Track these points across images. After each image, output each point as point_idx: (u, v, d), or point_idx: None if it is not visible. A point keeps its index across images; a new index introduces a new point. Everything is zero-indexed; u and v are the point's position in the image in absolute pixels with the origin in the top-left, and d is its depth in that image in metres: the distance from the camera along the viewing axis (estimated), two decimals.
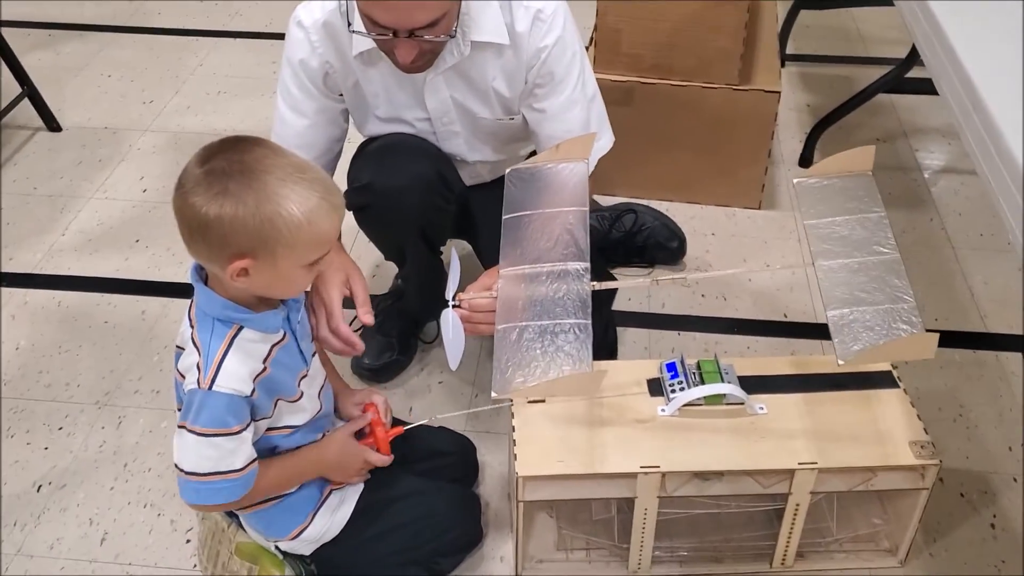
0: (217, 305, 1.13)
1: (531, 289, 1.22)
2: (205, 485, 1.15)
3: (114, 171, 2.34)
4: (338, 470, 1.31)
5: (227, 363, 1.12)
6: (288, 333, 1.20)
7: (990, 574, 1.43)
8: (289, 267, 1.10)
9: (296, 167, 1.08)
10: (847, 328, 1.14)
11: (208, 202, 1.04)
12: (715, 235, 2.13)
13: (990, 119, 1.05)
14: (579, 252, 1.25)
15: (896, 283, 1.19)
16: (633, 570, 1.42)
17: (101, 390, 1.74)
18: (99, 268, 2.04)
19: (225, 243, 1.06)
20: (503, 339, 1.15)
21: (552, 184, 1.34)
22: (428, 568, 1.40)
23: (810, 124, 2.42)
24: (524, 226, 1.29)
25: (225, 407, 1.12)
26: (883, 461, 1.30)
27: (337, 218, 1.11)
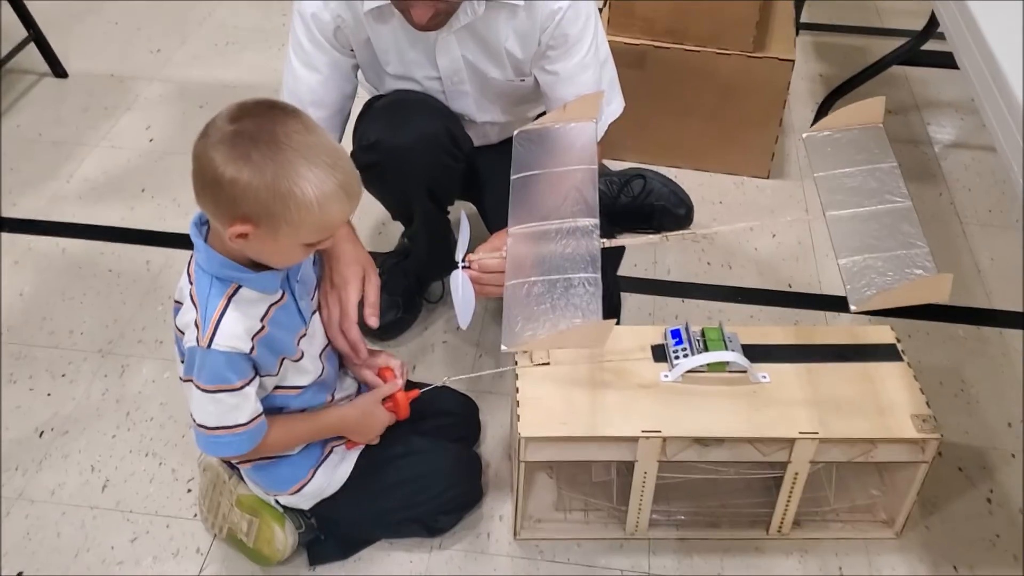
0: (216, 263, 1.13)
1: (540, 246, 1.21)
2: (212, 438, 1.17)
3: (120, 119, 2.33)
4: (359, 431, 1.32)
5: (225, 322, 1.12)
6: (287, 292, 1.20)
7: (985, 548, 1.44)
8: (289, 243, 1.09)
9: (324, 149, 1.06)
10: (859, 275, 1.11)
11: (227, 162, 1.03)
12: (723, 203, 2.12)
13: (1011, 93, 1.04)
14: (588, 208, 1.24)
15: (908, 230, 1.15)
16: (630, 532, 1.43)
17: (104, 338, 1.75)
18: (104, 217, 2.03)
19: (233, 205, 1.05)
20: (512, 294, 1.15)
21: (560, 144, 1.33)
22: (427, 525, 1.41)
23: (822, 94, 2.40)
24: (532, 185, 1.29)
25: (225, 364, 1.13)
26: (884, 433, 1.30)
27: (350, 207, 1.10)
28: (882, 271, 1.12)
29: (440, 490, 1.38)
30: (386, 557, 1.41)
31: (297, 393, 1.25)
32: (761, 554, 1.42)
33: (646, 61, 2.07)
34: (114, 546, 1.42)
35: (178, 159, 2.18)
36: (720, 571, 1.40)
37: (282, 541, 1.33)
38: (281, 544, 1.33)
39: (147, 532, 1.43)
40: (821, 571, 1.40)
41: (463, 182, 1.65)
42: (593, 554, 1.41)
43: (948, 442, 1.54)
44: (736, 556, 1.42)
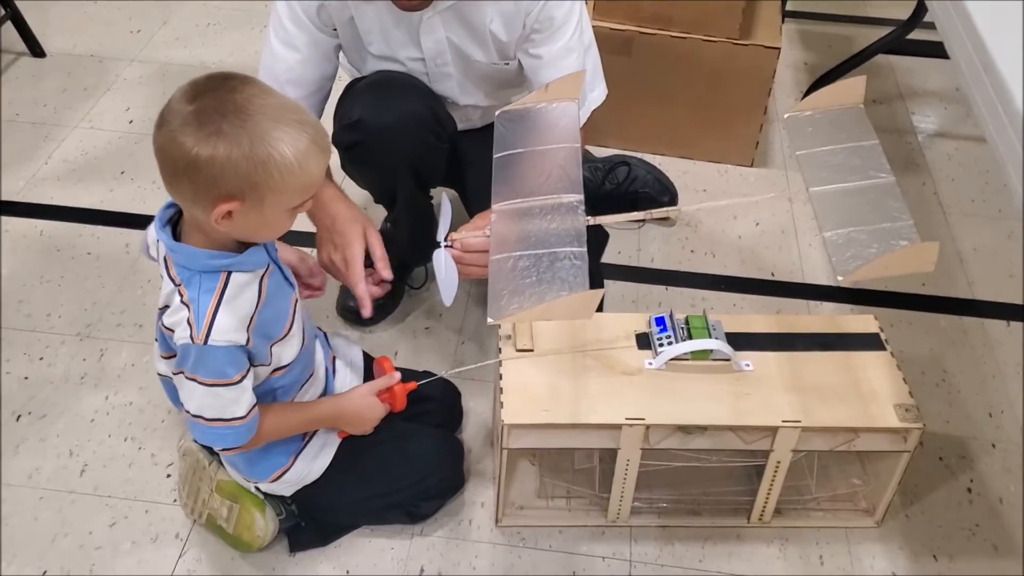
0: (200, 257, 1.10)
1: (525, 223, 1.19)
2: (210, 430, 1.15)
3: (99, 100, 2.30)
4: (354, 423, 1.31)
5: (220, 316, 1.10)
6: (271, 263, 1.19)
7: (964, 538, 1.45)
8: (275, 212, 1.07)
9: (287, 107, 1.05)
10: (844, 247, 1.11)
11: (200, 142, 1.00)
12: (707, 191, 2.12)
13: (1001, 81, 1.03)
14: (572, 185, 1.23)
15: (893, 204, 1.15)
16: (612, 520, 1.43)
17: (83, 322, 1.73)
18: (83, 199, 2.01)
19: (213, 185, 1.02)
20: (498, 268, 1.13)
21: (543, 123, 1.31)
22: (409, 512, 1.40)
23: (807, 82, 2.40)
24: (515, 164, 1.27)
25: (223, 359, 1.11)
26: (866, 422, 1.30)
27: (325, 161, 1.09)
28: (866, 243, 1.11)
29: (422, 476, 1.38)
30: (367, 544, 1.40)
31: (286, 371, 1.23)
32: (742, 542, 1.43)
33: (632, 47, 2.06)
34: (92, 531, 1.40)
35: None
36: (701, 559, 1.40)
37: (262, 527, 1.32)
38: (261, 530, 1.33)
39: (126, 517, 1.42)
40: (802, 559, 1.40)
41: (446, 166, 1.64)
42: (575, 541, 1.41)
43: (929, 432, 1.55)
44: (717, 544, 1.42)
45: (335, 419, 1.30)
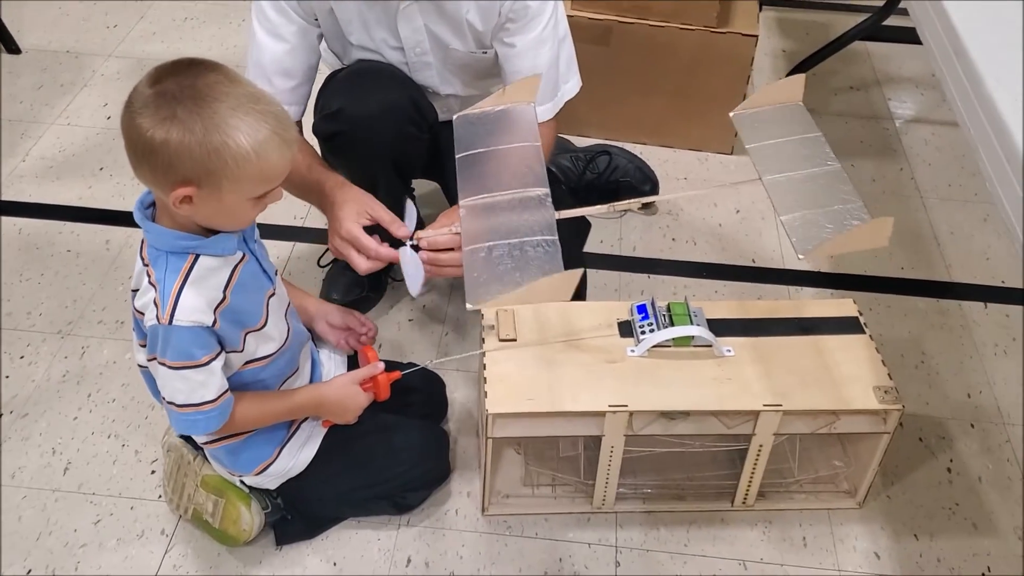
0: (168, 237, 1.10)
1: (494, 217, 1.19)
2: (183, 416, 1.15)
3: (76, 97, 2.28)
4: (336, 413, 1.31)
5: (184, 297, 1.10)
6: (247, 254, 1.18)
7: (945, 517, 1.47)
8: (235, 200, 1.07)
9: (249, 96, 1.04)
10: (802, 228, 1.15)
11: (155, 126, 1.00)
12: (687, 179, 2.13)
13: (972, 66, 1.05)
14: (537, 179, 1.23)
15: (843, 188, 1.19)
16: (597, 506, 1.44)
17: (63, 319, 1.72)
18: (61, 196, 2.00)
19: (170, 169, 1.02)
20: (472, 258, 1.13)
21: (501, 125, 1.31)
22: (395, 503, 1.41)
23: (785, 70, 2.41)
24: (479, 163, 1.27)
25: (188, 340, 1.11)
26: (846, 405, 1.32)
27: (288, 153, 1.07)
28: (822, 224, 1.15)
29: (407, 467, 1.38)
30: (354, 535, 1.40)
31: (266, 363, 1.23)
32: (726, 525, 1.44)
33: (611, 37, 2.06)
34: (77, 528, 1.40)
35: None
36: (686, 543, 1.41)
37: (248, 521, 1.33)
38: (247, 524, 1.33)
39: (111, 514, 1.42)
40: (785, 541, 1.42)
41: (427, 156, 1.64)
42: (561, 528, 1.42)
43: (909, 413, 1.57)
44: (702, 528, 1.43)
45: (316, 407, 1.30)
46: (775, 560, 1.40)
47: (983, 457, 1.55)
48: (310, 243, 1.87)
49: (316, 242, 1.87)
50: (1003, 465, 1.54)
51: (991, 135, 1.00)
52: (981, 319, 1.80)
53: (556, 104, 1.54)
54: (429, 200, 1.88)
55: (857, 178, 2.14)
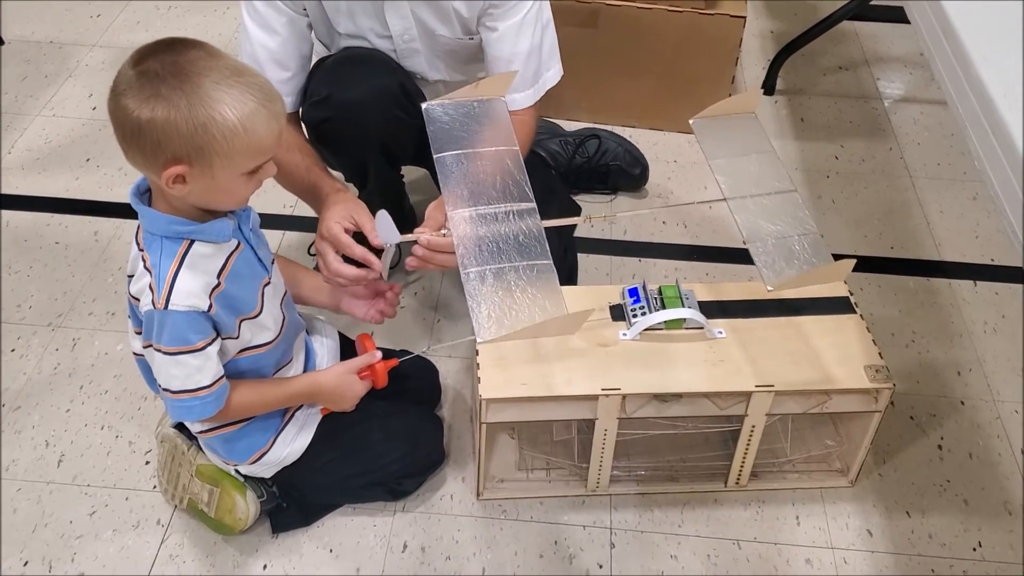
0: (162, 222, 1.10)
1: (487, 231, 1.19)
2: (178, 402, 1.15)
3: (61, 87, 2.26)
4: (333, 401, 1.31)
5: (179, 281, 1.10)
6: (243, 242, 1.18)
7: (936, 494, 1.48)
8: (227, 176, 1.06)
9: (233, 70, 1.04)
10: (770, 258, 1.19)
11: (140, 105, 1.00)
12: (677, 162, 2.13)
13: (960, 45, 1.05)
14: (522, 193, 1.23)
15: (800, 216, 1.25)
16: (592, 489, 1.44)
17: (54, 312, 1.71)
18: (48, 188, 1.99)
19: (159, 148, 1.02)
20: (473, 283, 1.13)
21: (476, 121, 1.30)
22: (390, 489, 1.41)
23: (773, 51, 2.41)
24: (460, 165, 1.26)
25: (184, 324, 1.11)
26: (838, 384, 1.33)
27: (276, 126, 1.07)
28: (787, 255, 1.20)
29: (402, 453, 1.38)
30: (349, 522, 1.41)
31: (262, 351, 1.23)
32: (720, 506, 1.45)
33: (598, 19, 2.05)
34: (72, 520, 1.40)
35: None
36: (680, 524, 1.42)
37: (243, 510, 1.33)
38: (243, 513, 1.33)
39: (106, 505, 1.42)
40: (779, 520, 1.43)
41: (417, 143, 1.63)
42: (556, 511, 1.43)
43: (900, 391, 1.58)
44: (696, 508, 1.44)
45: (313, 395, 1.30)
46: (769, 539, 1.41)
47: (973, 434, 1.57)
48: (300, 231, 1.87)
49: (306, 230, 1.86)
50: (993, 441, 1.55)
51: (979, 114, 1.00)
52: (971, 297, 1.81)
53: (537, 91, 1.54)
54: (418, 187, 1.88)
55: (846, 158, 2.15)
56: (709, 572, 1.36)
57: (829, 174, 2.10)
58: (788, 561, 1.38)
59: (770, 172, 1.30)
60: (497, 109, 1.31)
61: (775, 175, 1.29)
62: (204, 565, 1.35)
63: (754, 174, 1.29)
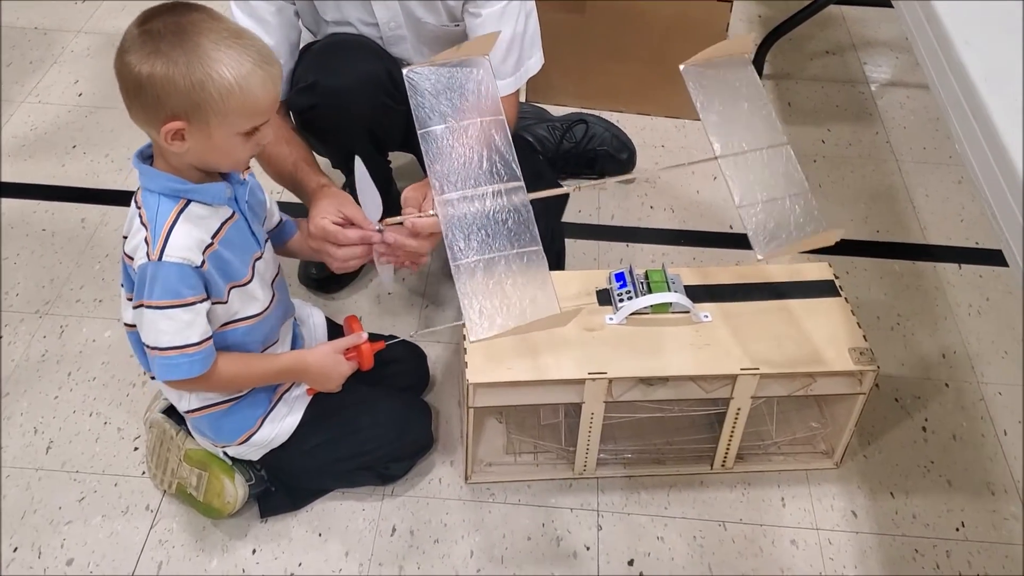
0: (160, 179, 1.13)
1: (475, 216, 1.18)
2: (165, 360, 1.15)
3: (47, 74, 2.25)
4: (318, 380, 1.31)
5: (175, 234, 1.12)
6: (238, 213, 1.20)
7: (920, 475, 1.49)
8: (224, 135, 1.09)
9: (232, 32, 1.07)
10: (761, 224, 1.18)
11: (141, 61, 1.04)
12: (664, 147, 2.13)
13: (943, 30, 1.05)
14: (512, 172, 1.22)
15: (792, 172, 1.22)
16: (579, 472, 1.45)
17: (41, 299, 1.71)
18: (34, 175, 1.98)
19: (159, 104, 1.05)
20: (464, 278, 1.13)
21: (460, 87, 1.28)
22: (379, 473, 1.42)
23: (761, 35, 2.41)
24: (445, 141, 1.24)
25: (177, 277, 1.12)
26: (823, 367, 1.34)
27: (273, 88, 1.09)
28: (779, 220, 1.19)
29: (390, 438, 1.39)
30: (338, 506, 1.41)
31: (252, 323, 1.24)
32: (706, 488, 1.46)
33: (585, 4, 2.05)
34: (61, 506, 1.40)
35: (109, 114, 2.12)
36: (666, 506, 1.43)
37: (232, 494, 1.33)
38: (231, 496, 1.33)
39: (95, 491, 1.42)
40: (764, 502, 1.44)
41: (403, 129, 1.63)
42: (543, 494, 1.44)
43: (885, 374, 1.59)
44: (682, 491, 1.45)
45: (298, 373, 1.30)
46: (754, 520, 1.42)
47: (957, 415, 1.58)
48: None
49: (293, 216, 1.86)
50: (977, 423, 1.57)
51: (960, 97, 1.01)
52: (955, 280, 1.82)
53: (519, 79, 1.54)
54: (405, 173, 1.88)
55: (833, 142, 2.15)
56: (695, 553, 1.38)
57: (816, 158, 2.10)
58: (773, 542, 1.39)
59: (762, 124, 1.26)
60: (482, 72, 1.27)
61: (767, 127, 1.26)
62: (193, 550, 1.36)
63: (746, 127, 1.26)
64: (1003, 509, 1.45)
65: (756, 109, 1.27)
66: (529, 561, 1.36)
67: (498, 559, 1.36)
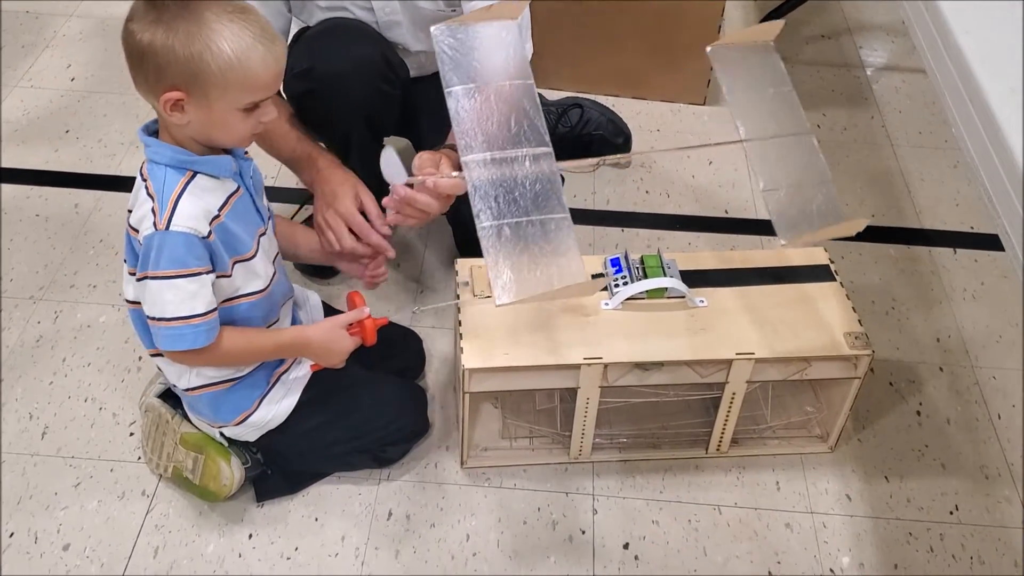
0: (167, 151, 1.13)
1: (502, 179, 1.17)
2: (169, 330, 1.15)
3: (39, 58, 2.24)
4: (321, 355, 1.31)
5: (182, 203, 1.12)
6: (243, 187, 1.20)
7: (914, 459, 1.50)
8: (223, 109, 1.09)
9: (237, 7, 1.07)
10: (784, 209, 1.18)
11: (143, 29, 1.05)
12: (660, 131, 2.13)
13: (941, 15, 1.05)
14: (540, 137, 1.20)
15: (816, 162, 1.22)
16: (574, 456, 1.46)
17: (35, 284, 1.70)
18: (28, 160, 1.97)
19: (160, 74, 1.06)
20: (491, 239, 1.12)
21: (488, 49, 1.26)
22: (375, 457, 1.42)
23: (756, 20, 2.40)
24: (471, 101, 1.21)
25: (184, 246, 1.12)
26: (818, 351, 1.34)
27: (273, 63, 1.10)
28: (802, 206, 1.19)
29: (386, 422, 1.39)
30: (335, 490, 1.42)
31: (254, 300, 1.24)
32: (701, 472, 1.46)
33: None
34: (57, 491, 1.40)
35: (102, 98, 2.11)
36: (662, 490, 1.44)
37: (228, 476, 1.33)
38: (228, 479, 1.33)
39: (91, 476, 1.42)
40: (759, 486, 1.45)
41: (399, 113, 1.62)
42: (539, 479, 1.44)
43: (879, 358, 1.59)
44: (677, 475, 1.46)
45: (301, 348, 1.30)
46: (749, 504, 1.42)
47: (952, 400, 1.59)
48: (280, 203, 1.86)
49: (286, 201, 1.85)
50: (971, 407, 1.57)
51: (957, 81, 1.01)
52: (950, 264, 1.82)
53: None
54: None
55: (828, 127, 2.15)
56: (690, 537, 1.38)
57: None
58: (768, 526, 1.40)
59: (787, 111, 1.25)
60: (511, 35, 1.25)
61: (791, 115, 1.25)
62: (190, 535, 1.36)
63: (771, 113, 1.25)
64: (996, 493, 1.46)
65: (781, 96, 1.26)
66: (525, 545, 1.36)
67: (494, 543, 1.36)
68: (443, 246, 1.80)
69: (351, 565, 1.33)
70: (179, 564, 1.33)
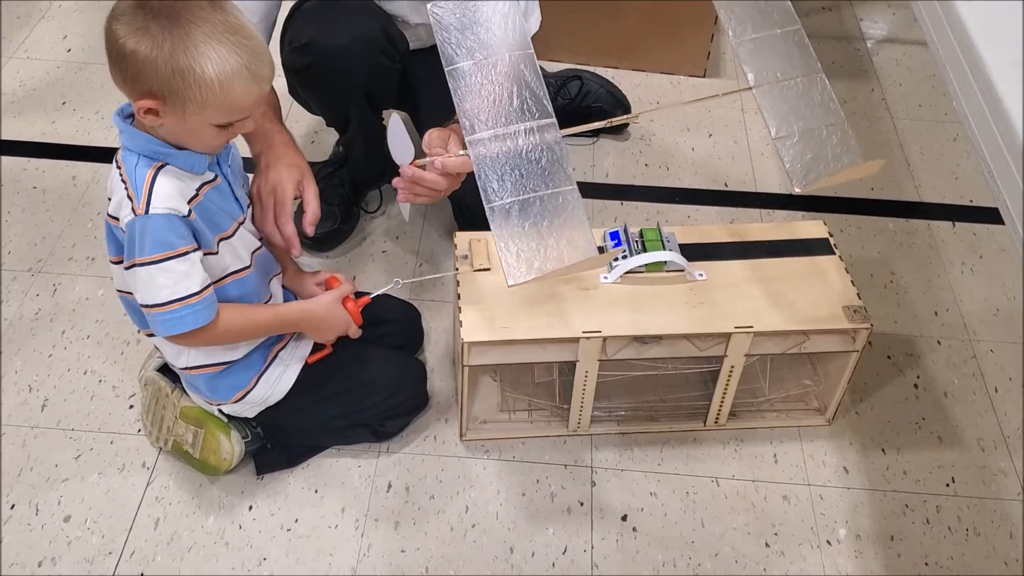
0: (141, 139, 1.12)
1: (507, 155, 1.16)
2: (167, 315, 1.14)
3: (34, 29, 2.22)
4: (321, 329, 1.31)
5: (158, 186, 1.11)
6: (220, 176, 1.18)
7: (911, 431, 1.51)
8: (197, 123, 1.08)
9: (228, 26, 1.04)
10: (796, 155, 1.16)
11: (128, 35, 1.02)
12: (660, 102, 2.12)
13: None
14: (543, 109, 1.20)
15: (828, 102, 1.19)
16: (573, 429, 1.46)
17: (33, 257, 1.70)
18: (24, 132, 1.96)
19: (137, 79, 1.04)
20: (499, 219, 1.12)
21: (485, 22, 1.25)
22: (374, 430, 1.43)
23: None
24: (472, 78, 1.21)
25: (167, 227, 1.11)
26: (816, 325, 1.34)
27: (256, 88, 1.08)
28: (815, 150, 1.16)
29: (385, 396, 1.39)
30: (334, 463, 1.42)
31: (244, 275, 1.23)
32: (699, 444, 1.47)
33: None
34: (58, 464, 1.41)
35: (98, 70, 2.10)
36: (660, 462, 1.45)
37: (228, 450, 1.34)
38: (227, 453, 1.34)
39: (91, 449, 1.43)
40: (757, 458, 1.45)
41: (397, 86, 1.61)
42: (537, 451, 1.45)
43: (878, 331, 1.60)
44: (675, 447, 1.46)
45: (303, 322, 1.30)
46: (746, 476, 1.43)
47: (949, 373, 1.59)
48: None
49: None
50: (968, 380, 1.58)
51: (959, 53, 1.00)
52: (949, 238, 1.82)
53: None
54: None
55: None
56: (688, 509, 1.39)
57: None
58: (765, 498, 1.41)
59: (796, 51, 1.22)
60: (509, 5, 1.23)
61: (801, 54, 1.22)
62: (190, 507, 1.37)
63: (780, 54, 1.22)
64: (992, 465, 1.46)
65: (789, 35, 1.23)
66: (523, 517, 1.37)
67: (493, 515, 1.37)
68: (442, 219, 1.79)
69: (351, 536, 1.34)
70: (180, 536, 1.34)
